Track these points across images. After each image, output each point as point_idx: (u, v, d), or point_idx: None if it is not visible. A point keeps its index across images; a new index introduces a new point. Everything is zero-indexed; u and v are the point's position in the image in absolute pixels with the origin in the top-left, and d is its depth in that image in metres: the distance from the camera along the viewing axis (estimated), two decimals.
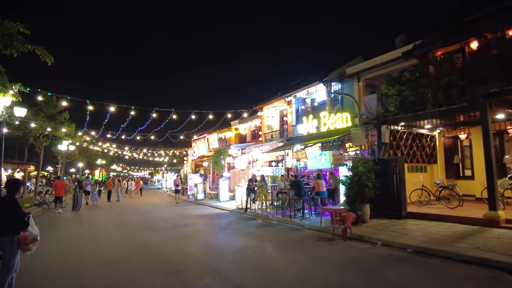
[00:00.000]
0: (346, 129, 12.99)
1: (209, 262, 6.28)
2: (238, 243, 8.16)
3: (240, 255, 6.84)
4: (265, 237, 8.93)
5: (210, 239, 8.67)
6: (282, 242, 8.14)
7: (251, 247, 7.55)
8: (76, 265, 6.33)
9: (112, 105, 12.34)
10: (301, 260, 6.49)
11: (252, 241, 8.34)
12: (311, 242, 8.09)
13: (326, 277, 5.45)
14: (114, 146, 30.42)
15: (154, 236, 9.29)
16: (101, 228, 11.12)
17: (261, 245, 7.83)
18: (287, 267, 5.97)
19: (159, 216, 13.70)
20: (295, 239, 8.51)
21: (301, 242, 8.14)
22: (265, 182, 13.63)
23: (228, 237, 9.05)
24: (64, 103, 11.71)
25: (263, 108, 24.24)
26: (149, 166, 66.03)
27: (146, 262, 6.37)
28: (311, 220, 10.95)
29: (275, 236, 9.06)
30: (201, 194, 21.04)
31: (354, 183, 9.81)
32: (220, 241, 8.48)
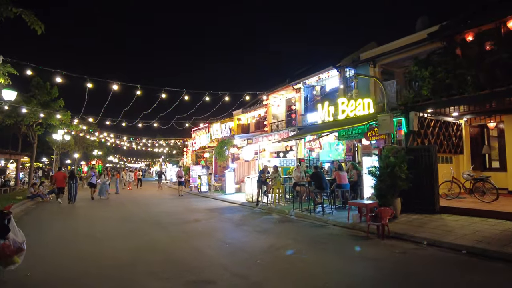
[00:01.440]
0: (369, 116, 11.93)
1: (236, 268, 5.24)
2: (260, 242, 7.13)
3: (269, 258, 5.81)
4: (288, 235, 7.91)
5: (227, 238, 7.63)
6: (310, 242, 7.12)
7: (278, 248, 6.53)
8: (74, 270, 5.27)
9: (115, 83, 10.98)
10: (341, 265, 5.48)
11: (275, 240, 7.31)
12: (344, 242, 7.09)
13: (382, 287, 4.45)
14: (111, 135, 29.05)
15: (162, 233, 8.24)
16: (101, 223, 10.05)
17: (288, 245, 6.81)
18: (327, 273, 4.96)
19: (163, 210, 12.64)
20: (323, 237, 7.49)
21: (333, 241, 7.13)
22: (278, 174, 12.60)
23: (247, 235, 8.01)
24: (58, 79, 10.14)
25: (269, 96, 23.11)
26: (146, 157, 64.71)
27: (158, 266, 5.33)
28: (333, 215, 9.97)
29: (300, 234, 8.04)
30: (205, 186, 20.00)
31: (386, 175, 8.78)
32: (239, 240, 7.44)
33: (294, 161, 17.59)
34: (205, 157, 31.62)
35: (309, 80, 19.04)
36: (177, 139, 34.98)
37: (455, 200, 10.46)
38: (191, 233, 8.15)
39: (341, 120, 13.42)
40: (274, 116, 23.18)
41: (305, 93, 20.47)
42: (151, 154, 57.14)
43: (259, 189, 13.17)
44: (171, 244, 6.99)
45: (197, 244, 6.96)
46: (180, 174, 19.53)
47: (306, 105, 20.15)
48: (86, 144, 35.16)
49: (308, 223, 9.39)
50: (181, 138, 35.34)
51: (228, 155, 22.77)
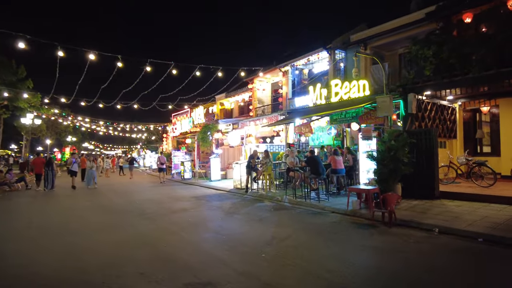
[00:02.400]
0: (365, 98, 11.39)
1: (241, 265, 4.55)
2: (260, 233, 6.47)
3: (274, 251, 5.16)
4: (287, 224, 7.31)
5: (222, 229, 6.92)
6: (314, 231, 6.54)
7: (282, 240, 5.89)
8: (43, 274, 4.42)
9: (91, 52, 9.56)
10: (359, 258, 4.92)
11: (275, 230, 6.68)
12: (351, 231, 6.54)
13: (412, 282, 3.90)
14: (87, 120, 27.23)
15: (149, 225, 7.42)
16: (79, 214, 9.08)
17: (290, 235, 6.19)
18: (348, 268, 4.37)
19: (147, 199, 11.75)
20: (327, 226, 6.93)
21: (338, 230, 6.56)
22: (269, 159, 11.93)
23: (243, 225, 7.34)
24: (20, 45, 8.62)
25: (254, 80, 22.24)
26: (123, 144, 62.35)
27: (148, 265, 4.57)
28: (329, 201, 9.45)
29: (299, 222, 7.45)
30: (188, 173, 19.10)
31: (389, 159, 8.29)
32: (236, 231, 6.75)
33: (282, 147, 17.00)
34: (186, 143, 30.50)
35: (297, 62, 18.30)
36: (157, 124, 33.50)
37: (452, 185, 10.20)
38: (181, 224, 7.37)
39: (334, 103, 12.85)
40: (259, 100, 22.40)
41: (292, 76, 19.76)
42: (129, 141, 55.05)
43: (248, 175, 12.50)
44: (160, 238, 6.21)
45: (190, 237, 6.22)
46: (162, 160, 18.52)
47: (294, 89, 19.49)
48: (59, 130, 33.10)
49: (305, 210, 8.83)
50: (161, 123, 33.89)
51: (212, 140, 21.86)
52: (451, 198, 9.05)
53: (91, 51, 9.20)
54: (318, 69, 18.71)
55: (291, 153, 11.08)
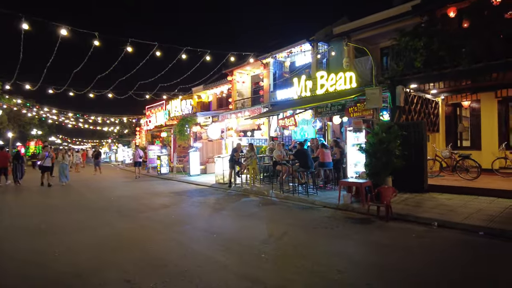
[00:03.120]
0: (352, 90, 11.18)
1: (241, 268, 4.08)
2: (253, 230, 6.01)
3: (274, 251, 4.72)
4: (279, 220, 6.89)
5: (211, 227, 6.39)
6: (310, 227, 6.16)
7: (278, 237, 5.47)
8: (15, 280, 3.74)
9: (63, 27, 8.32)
10: (364, 256, 4.59)
11: (269, 226, 6.26)
12: (347, 226, 6.23)
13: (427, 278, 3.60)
14: (54, 111, 25.35)
15: (129, 223, 6.75)
16: (51, 212, 8.21)
17: (286, 232, 5.78)
18: (357, 269, 4.02)
19: (123, 195, 10.94)
20: (321, 221, 6.58)
21: (334, 226, 6.22)
22: (254, 152, 11.46)
23: (233, 222, 6.84)
24: None
25: (233, 72, 21.62)
26: (94, 138, 59.56)
27: (134, 270, 3.99)
28: (318, 196, 9.15)
29: (291, 218, 7.05)
30: (165, 167, 18.26)
31: (381, 151, 8.07)
32: (227, 228, 6.24)
33: (264, 140, 16.58)
34: (161, 136, 29.42)
35: (279, 54, 17.90)
36: (130, 117, 32.00)
37: (438, 178, 10.21)
38: (164, 222, 6.77)
39: (319, 95, 12.58)
40: (239, 93, 21.82)
41: (274, 68, 19.35)
42: (99, 134, 52.56)
43: (231, 169, 11.97)
44: (144, 238, 5.59)
45: (177, 236, 5.65)
46: (140, 154, 17.56)
47: (275, 81, 19.10)
48: (22, 122, 30.82)
49: (294, 205, 8.46)
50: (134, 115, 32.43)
51: (189, 134, 21.08)
52: (439, 191, 9.00)
53: (63, 26, 8.07)
54: (299, 62, 18.41)
55: (278, 146, 10.67)
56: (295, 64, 18.86)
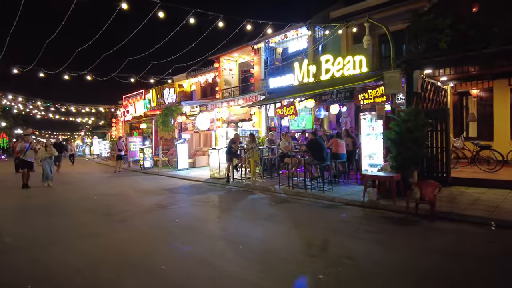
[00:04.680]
0: (363, 75, 10.23)
1: None
2: (285, 238, 4.91)
3: (332, 269, 3.64)
4: (306, 222, 5.83)
5: (229, 233, 5.22)
6: (349, 232, 5.14)
7: (321, 247, 4.41)
8: None
9: None
10: (445, 270, 3.60)
11: (300, 232, 5.19)
12: (391, 229, 5.27)
13: None
14: (20, 99, 22.73)
15: (124, 231, 5.45)
16: (25, 216, 6.72)
17: (326, 240, 4.73)
18: None
19: (108, 193, 9.49)
20: (356, 224, 5.59)
21: (376, 229, 5.24)
22: (256, 144, 10.31)
23: (252, 226, 5.69)
24: None
25: (220, 58, 20.24)
26: (64, 130, 56.00)
27: None
28: (334, 191, 8.17)
29: (319, 220, 6.01)
30: (149, 161, 16.72)
31: (412, 142, 7.16)
32: (249, 235, 5.06)
33: (255, 131, 15.41)
34: (141, 128, 27.54)
35: (273, 39, 16.71)
36: (107, 106, 29.72)
37: (454, 171, 9.50)
38: (168, 228, 5.52)
39: (324, 81, 11.56)
40: (226, 81, 20.49)
41: (265, 55, 18.16)
42: (71, 126, 49.31)
43: (229, 162, 10.78)
44: (150, 252, 4.33)
45: (192, 248, 4.43)
46: (120, 146, 15.92)
47: (267, 68, 17.93)
48: None
49: (312, 202, 7.42)
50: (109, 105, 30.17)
51: (174, 124, 19.55)
52: (464, 185, 8.29)
53: None
54: (293, 48, 17.35)
55: (285, 136, 9.56)
56: (288, 51, 17.77)
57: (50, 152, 11.09)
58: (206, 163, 16.51)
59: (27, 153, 10.56)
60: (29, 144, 10.73)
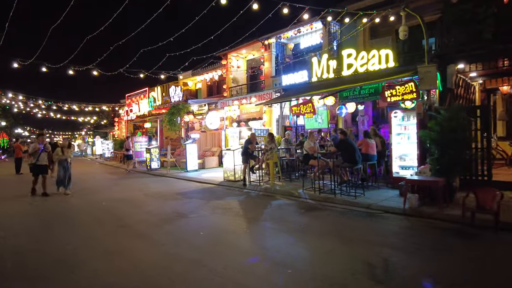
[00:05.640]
0: (391, 70, 9.51)
1: None
2: (335, 258, 4.22)
3: None
4: (353, 237, 5.10)
5: (269, 251, 4.50)
6: (407, 247, 4.45)
7: (384, 269, 3.71)
8: None
9: None
10: None
11: (349, 249, 4.49)
12: (451, 242, 4.59)
13: None
14: (20, 97, 21.90)
15: (144, 247, 4.75)
16: (21, 227, 6.01)
17: (385, 258, 4.04)
18: None
19: (117, 198, 8.79)
20: (408, 236, 4.92)
21: (436, 243, 4.55)
22: (275, 144, 9.62)
23: (292, 241, 4.97)
24: None
25: (227, 55, 19.50)
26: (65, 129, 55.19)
27: None
28: (366, 196, 7.48)
29: (366, 232, 5.30)
30: (156, 162, 16.01)
31: (456, 142, 6.46)
32: (292, 254, 4.34)
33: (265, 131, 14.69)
34: (145, 127, 26.82)
35: (285, 34, 15.98)
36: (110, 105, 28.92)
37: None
38: (196, 244, 4.81)
39: (346, 76, 10.84)
40: (233, 79, 19.77)
41: (276, 51, 17.42)
42: (72, 125, 48.56)
43: (245, 164, 10.08)
44: (183, 280, 3.62)
45: (233, 274, 3.72)
46: (128, 146, 15.24)
47: (277, 65, 17.20)
48: None
49: (346, 210, 6.72)
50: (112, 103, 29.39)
51: (180, 124, 18.83)
52: (504, 188, 7.56)
53: None
54: (305, 43, 16.62)
55: (310, 136, 8.84)
56: (299, 47, 17.04)
57: (67, 154, 9.63)
58: (216, 164, 15.85)
59: (41, 157, 9.16)
60: (43, 146, 9.24)
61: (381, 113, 13.72)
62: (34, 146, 9.23)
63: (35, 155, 9.13)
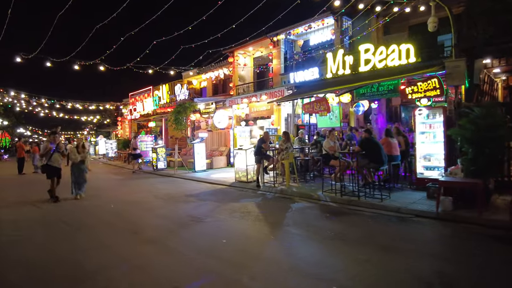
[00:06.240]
0: (413, 66, 9.04)
1: None
2: (382, 271, 3.75)
3: None
4: (390, 243, 4.65)
5: (304, 263, 4.04)
6: (457, 258, 3.99)
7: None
8: None
9: None
10: None
11: (396, 259, 4.03)
12: None
13: None
14: (22, 95, 21.44)
15: (163, 258, 4.30)
16: (27, 233, 5.57)
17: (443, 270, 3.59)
18: None
19: (126, 200, 8.36)
20: (458, 246, 4.46)
21: (498, 255, 4.07)
22: (291, 143, 9.15)
23: (325, 251, 4.51)
24: None
25: (234, 52, 19.03)
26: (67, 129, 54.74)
27: None
28: (392, 199, 7.01)
29: (402, 239, 4.84)
30: (162, 162, 15.56)
31: (493, 140, 5.99)
32: (329, 266, 3.87)
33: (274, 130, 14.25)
34: (149, 126, 26.40)
35: (295, 30, 15.51)
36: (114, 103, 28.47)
37: None
38: (219, 254, 4.35)
39: (363, 72, 10.38)
40: (239, 77, 19.32)
41: (285, 48, 16.96)
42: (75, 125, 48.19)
43: (259, 164, 9.63)
44: None
45: None
46: (135, 145, 14.85)
47: (286, 62, 16.73)
48: None
49: (375, 214, 6.26)
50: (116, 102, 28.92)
51: (186, 123, 18.38)
52: None
53: None
54: (315, 40, 16.16)
55: (330, 135, 8.36)
56: (309, 43, 16.57)
57: (84, 155, 8.76)
58: (224, 164, 15.40)
59: (53, 157, 8.26)
60: (55, 145, 8.34)
61: (394, 112, 13.28)
62: (46, 145, 8.40)
63: (46, 156, 8.26)
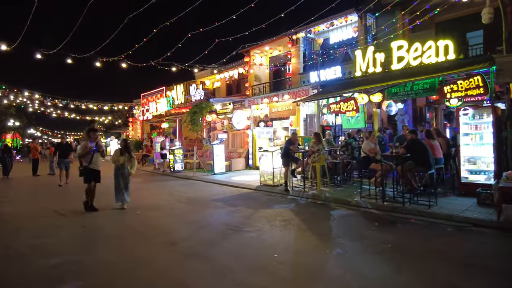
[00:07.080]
0: (452, 63, 8.47)
1: None
2: None
3: None
4: (461, 259, 4.13)
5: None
6: None
7: None
8: None
9: None
10: None
11: (489, 283, 3.50)
12: None
13: None
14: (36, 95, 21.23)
15: (209, 277, 3.83)
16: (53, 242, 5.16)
17: None
18: None
19: (150, 205, 7.98)
20: None
21: None
22: (323, 145, 8.65)
23: (393, 270, 4.01)
24: None
25: (250, 52, 18.59)
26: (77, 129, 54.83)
27: None
28: (439, 205, 6.47)
29: (476, 256, 4.31)
30: (180, 163, 15.17)
31: None
32: (407, 285, 3.41)
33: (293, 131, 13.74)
34: (162, 128, 26.05)
35: (316, 27, 14.99)
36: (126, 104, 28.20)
37: None
38: (275, 272, 3.87)
39: (395, 70, 9.83)
40: (255, 77, 18.86)
41: (304, 46, 16.44)
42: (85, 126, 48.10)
43: (287, 167, 9.14)
44: None
45: None
46: (163, 145, 14.61)
47: (305, 61, 16.21)
48: None
49: (426, 222, 5.74)
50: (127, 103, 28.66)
51: (202, 123, 17.94)
52: None
53: None
54: (335, 38, 15.63)
55: (371, 137, 7.82)
56: (329, 42, 16.04)
57: (130, 160, 7.61)
58: (243, 166, 14.97)
59: (94, 158, 7.26)
60: (95, 145, 7.26)
61: (419, 112, 12.76)
62: (85, 144, 7.21)
63: (87, 157, 7.15)
